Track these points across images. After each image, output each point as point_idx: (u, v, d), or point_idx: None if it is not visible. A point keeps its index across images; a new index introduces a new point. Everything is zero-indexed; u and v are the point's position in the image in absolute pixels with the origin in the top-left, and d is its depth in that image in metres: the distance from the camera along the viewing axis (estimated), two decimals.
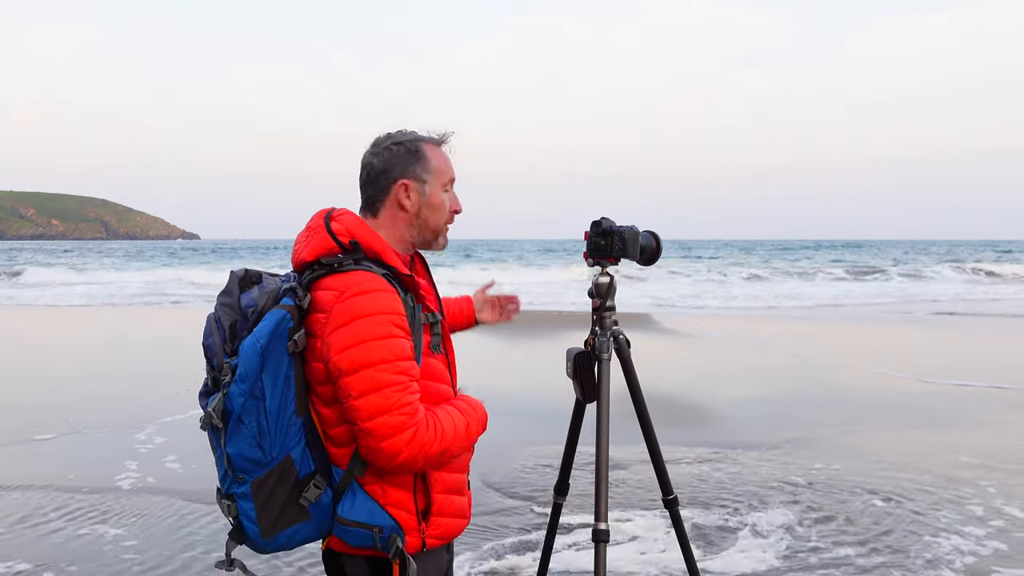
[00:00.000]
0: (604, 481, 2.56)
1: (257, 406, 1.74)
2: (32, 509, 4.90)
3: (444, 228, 2.02)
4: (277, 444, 1.77)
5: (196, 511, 4.86)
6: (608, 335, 2.61)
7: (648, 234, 2.67)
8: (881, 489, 5.30)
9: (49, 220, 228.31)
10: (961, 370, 9.81)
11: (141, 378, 9.30)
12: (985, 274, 34.16)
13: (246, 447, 1.75)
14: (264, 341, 1.73)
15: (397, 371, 1.77)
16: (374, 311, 1.78)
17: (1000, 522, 4.71)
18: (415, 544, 1.88)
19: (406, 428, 1.76)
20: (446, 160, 2.01)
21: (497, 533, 4.56)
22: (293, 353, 1.77)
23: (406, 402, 1.77)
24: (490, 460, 5.88)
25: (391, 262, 1.87)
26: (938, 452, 6.19)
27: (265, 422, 1.75)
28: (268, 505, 1.79)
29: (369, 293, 1.79)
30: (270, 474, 1.78)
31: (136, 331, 15.01)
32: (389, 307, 1.80)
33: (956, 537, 4.47)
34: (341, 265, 1.84)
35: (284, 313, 1.77)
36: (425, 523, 1.89)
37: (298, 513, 1.81)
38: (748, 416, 7.41)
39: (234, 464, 1.77)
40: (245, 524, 1.81)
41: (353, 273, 1.82)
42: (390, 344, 1.78)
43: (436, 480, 1.91)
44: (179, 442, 6.38)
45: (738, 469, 5.76)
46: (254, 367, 1.73)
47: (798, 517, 4.80)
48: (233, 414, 1.74)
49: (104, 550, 4.30)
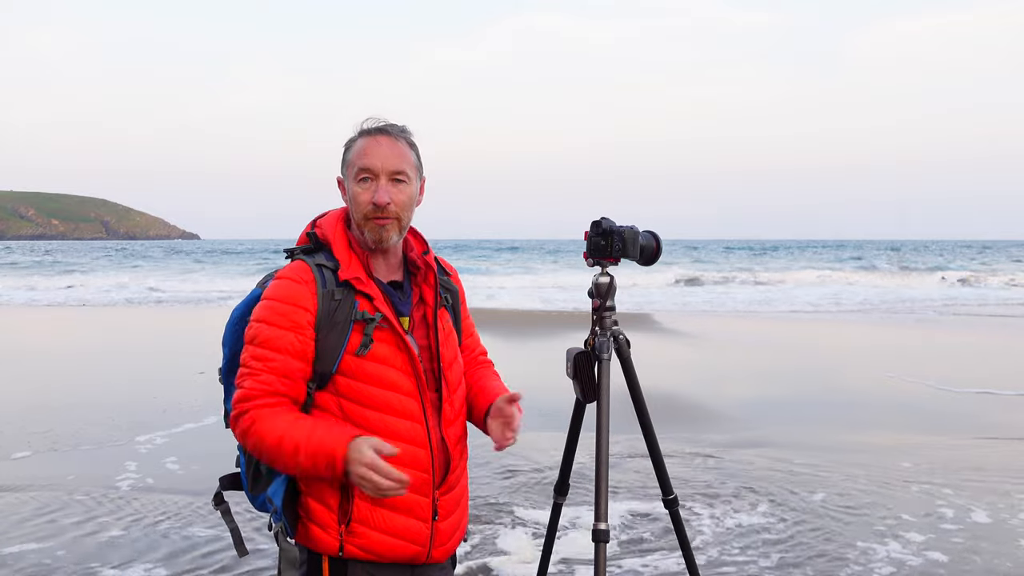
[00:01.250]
0: (604, 481, 2.56)
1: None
2: (33, 510, 4.90)
3: (365, 222, 1.90)
4: None
5: (197, 512, 4.86)
6: (608, 335, 2.60)
7: (648, 234, 2.67)
8: (848, 490, 5.30)
9: (49, 220, 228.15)
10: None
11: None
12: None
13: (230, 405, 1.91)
14: (236, 314, 1.95)
15: (253, 355, 1.84)
16: (271, 296, 1.87)
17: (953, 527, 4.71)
18: (331, 545, 1.85)
19: (234, 408, 1.85)
20: (361, 151, 1.92)
21: (496, 533, 4.56)
22: None
23: (245, 385, 1.83)
24: (490, 459, 5.88)
25: (337, 254, 1.92)
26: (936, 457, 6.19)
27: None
28: (250, 463, 1.93)
29: (278, 280, 1.89)
30: None
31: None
32: (285, 296, 1.85)
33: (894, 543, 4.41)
34: (292, 254, 1.96)
35: (259, 291, 1.93)
36: (344, 527, 1.84)
37: (265, 481, 1.92)
38: (748, 416, 7.42)
39: (226, 420, 1.94)
40: (242, 473, 1.98)
41: (292, 262, 1.94)
42: (263, 329, 1.84)
43: (312, 488, 1.88)
44: (179, 443, 6.38)
45: (722, 466, 5.77)
46: (228, 337, 1.94)
47: (764, 517, 4.81)
48: (223, 374, 1.96)
49: (105, 550, 4.30)
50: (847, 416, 7.45)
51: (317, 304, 1.83)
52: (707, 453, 6.18)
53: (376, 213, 1.89)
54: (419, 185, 2.01)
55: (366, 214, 1.90)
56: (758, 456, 6.08)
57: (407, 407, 1.89)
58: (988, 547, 4.37)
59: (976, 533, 4.57)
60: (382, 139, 1.93)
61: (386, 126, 1.96)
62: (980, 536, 4.52)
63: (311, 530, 1.87)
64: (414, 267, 2.00)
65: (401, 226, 1.94)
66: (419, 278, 2.00)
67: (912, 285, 28.36)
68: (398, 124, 1.97)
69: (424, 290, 1.99)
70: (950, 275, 32.30)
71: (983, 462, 5.93)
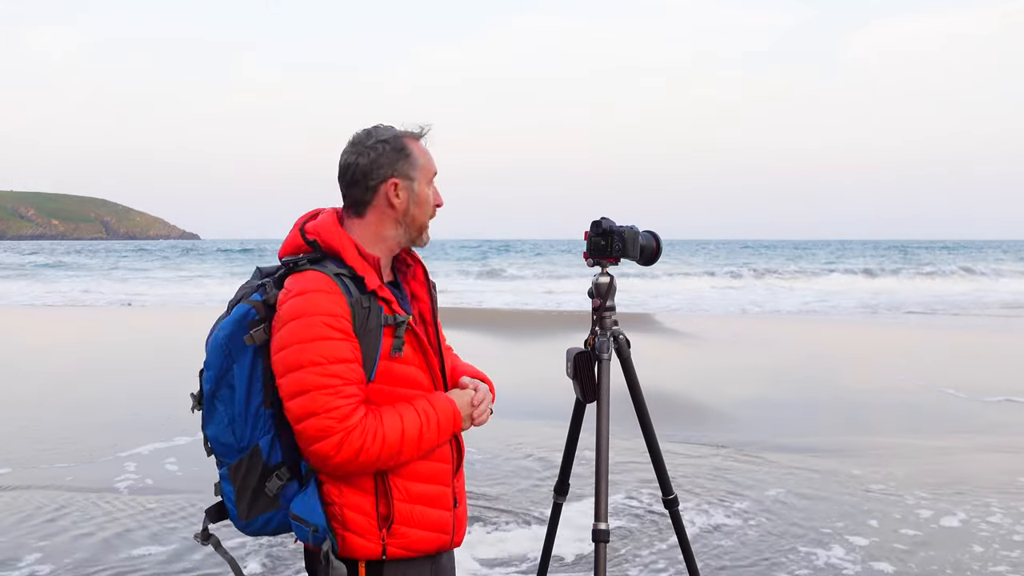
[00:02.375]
0: (604, 481, 2.56)
1: (231, 395, 1.83)
2: (34, 508, 4.90)
3: (426, 225, 1.98)
4: (247, 432, 1.84)
5: (197, 512, 4.86)
6: (608, 335, 2.60)
7: (648, 234, 2.67)
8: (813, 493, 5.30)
9: (49, 220, 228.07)
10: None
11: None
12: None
13: (221, 431, 1.85)
14: (226, 331, 1.83)
15: (327, 374, 1.75)
16: (308, 312, 1.77)
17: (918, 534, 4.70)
18: (373, 551, 1.84)
19: (334, 432, 1.74)
20: (428, 155, 1.98)
21: (496, 533, 4.56)
22: (256, 346, 1.81)
23: (335, 406, 1.74)
24: (490, 460, 5.89)
25: (350, 262, 1.85)
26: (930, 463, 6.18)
27: (234, 410, 1.83)
28: (243, 490, 1.85)
29: (306, 294, 1.79)
30: (242, 461, 1.85)
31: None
32: (325, 309, 1.77)
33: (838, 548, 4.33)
34: (298, 264, 1.87)
35: (248, 308, 1.83)
36: (386, 531, 1.84)
37: (268, 502, 1.85)
38: (748, 416, 7.42)
39: (212, 447, 1.88)
40: (227, 505, 1.89)
41: (304, 273, 1.84)
42: (321, 346, 1.75)
43: (399, 488, 1.85)
44: (180, 445, 6.38)
45: (711, 464, 5.77)
46: (216, 356, 1.83)
47: (742, 518, 4.81)
48: (204, 398, 1.86)
49: (106, 549, 4.30)
50: (849, 418, 7.44)
51: (351, 313, 1.80)
52: (702, 454, 6.17)
53: (434, 215, 2.00)
54: None
55: (429, 216, 1.99)
56: (747, 455, 6.08)
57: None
58: (935, 554, 4.26)
59: (930, 540, 4.47)
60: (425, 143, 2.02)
61: (427, 130, 2.03)
62: (931, 543, 4.42)
63: (348, 539, 1.83)
64: (404, 265, 2.03)
65: None
66: (408, 275, 2.03)
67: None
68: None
69: (414, 287, 2.02)
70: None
71: (971, 470, 5.89)
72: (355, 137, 1.95)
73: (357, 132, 1.97)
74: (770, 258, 50.19)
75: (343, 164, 1.94)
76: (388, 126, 1.96)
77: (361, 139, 1.94)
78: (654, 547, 4.37)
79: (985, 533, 4.56)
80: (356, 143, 1.94)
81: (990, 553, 4.28)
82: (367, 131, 1.96)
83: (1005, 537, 4.50)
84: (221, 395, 1.84)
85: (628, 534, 4.57)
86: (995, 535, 4.53)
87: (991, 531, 4.59)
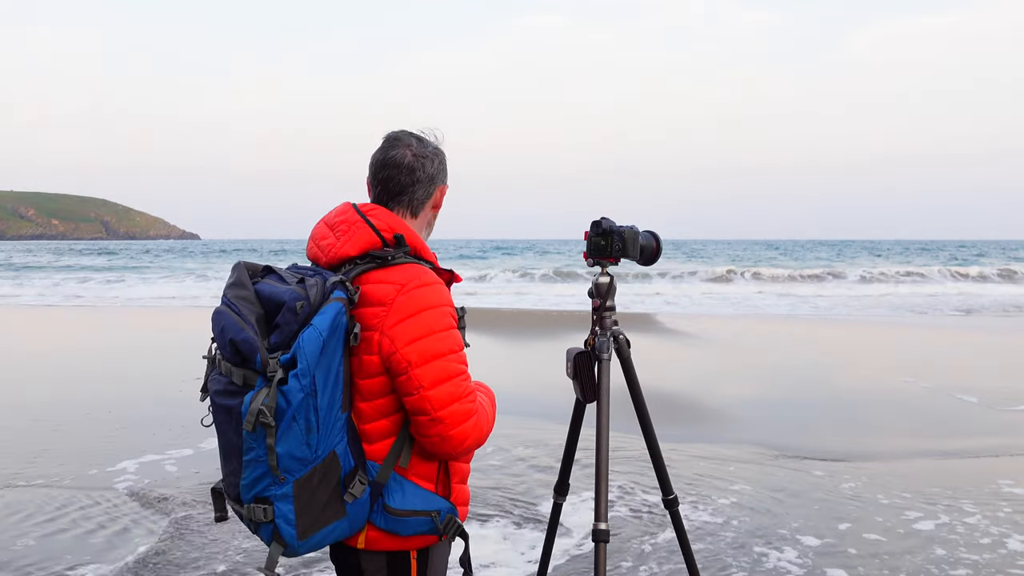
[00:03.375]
0: (604, 481, 2.56)
1: (309, 402, 1.70)
2: (36, 507, 4.90)
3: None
4: (324, 441, 1.73)
5: (199, 511, 4.86)
6: (608, 335, 2.61)
7: (648, 234, 2.67)
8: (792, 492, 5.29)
9: (49, 220, 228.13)
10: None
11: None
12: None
13: (296, 445, 1.70)
14: (325, 334, 1.70)
15: (461, 360, 1.85)
16: (438, 303, 1.84)
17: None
18: (466, 495, 2.02)
19: (472, 415, 1.84)
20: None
21: (496, 533, 4.56)
22: (345, 348, 1.77)
23: (471, 390, 1.86)
24: (490, 460, 5.89)
25: (429, 257, 1.94)
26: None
27: (315, 418, 1.71)
28: (309, 504, 1.74)
29: (431, 285, 1.85)
30: (314, 472, 1.73)
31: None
32: (448, 299, 1.88)
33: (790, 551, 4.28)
34: (393, 259, 1.86)
35: (340, 306, 1.73)
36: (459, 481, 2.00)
37: (337, 511, 1.79)
38: (748, 416, 7.42)
39: (281, 463, 1.70)
40: (281, 527, 1.74)
41: (408, 266, 1.86)
42: (454, 335, 1.85)
43: (456, 470, 1.97)
44: (181, 443, 6.38)
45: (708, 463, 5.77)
46: (313, 363, 1.68)
47: (725, 517, 4.81)
48: (288, 410, 1.68)
49: (107, 548, 4.30)
50: (847, 420, 7.45)
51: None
52: (696, 453, 6.18)
53: None
54: None
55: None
56: (737, 454, 6.09)
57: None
58: (889, 559, 4.19)
59: (894, 543, 4.40)
60: None
61: None
62: (894, 546, 4.35)
63: (455, 490, 1.96)
64: None
65: None
66: None
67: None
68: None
69: None
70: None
71: (962, 472, 5.88)
72: (412, 139, 1.99)
73: (400, 134, 2.00)
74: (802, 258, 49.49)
75: (407, 164, 1.96)
76: (432, 135, 2.04)
77: (425, 144, 2.00)
78: (654, 547, 4.37)
79: (954, 536, 4.50)
80: (420, 146, 1.99)
81: (953, 557, 4.21)
82: (415, 136, 2.01)
83: (972, 541, 4.43)
84: (304, 403, 1.71)
85: (628, 534, 4.56)
86: (964, 538, 4.47)
87: (962, 534, 4.53)
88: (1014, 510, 4.92)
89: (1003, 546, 4.37)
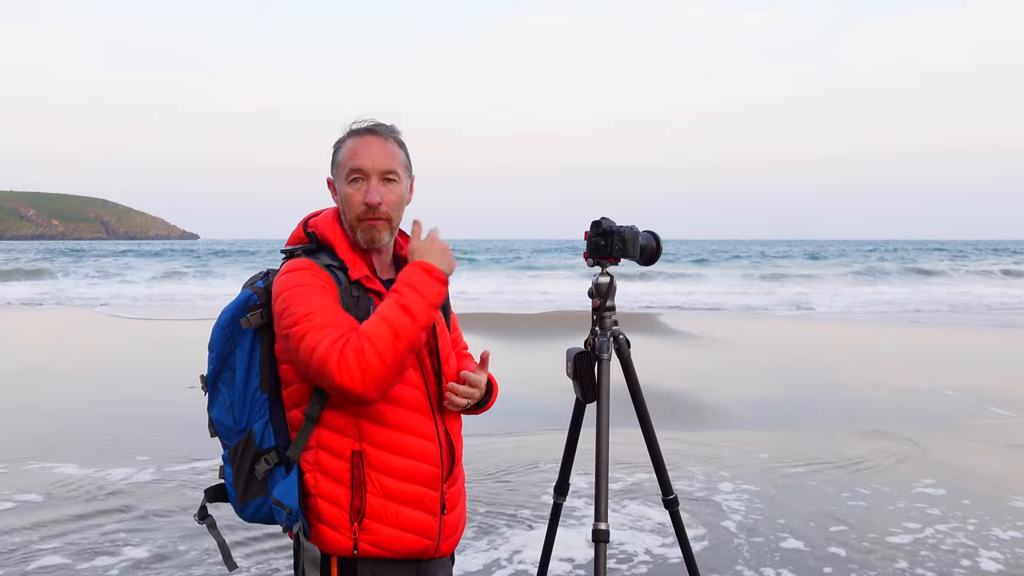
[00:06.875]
0: (604, 481, 2.56)
1: (232, 378, 1.90)
2: (36, 506, 4.90)
3: (358, 223, 1.92)
4: (244, 415, 1.90)
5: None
6: (608, 335, 2.60)
7: (648, 234, 2.67)
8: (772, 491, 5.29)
9: (49, 220, 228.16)
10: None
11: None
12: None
13: (222, 414, 1.92)
14: (228, 314, 1.90)
15: (308, 312, 1.78)
16: (295, 283, 1.84)
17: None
18: (344, 544, 1.83)
19: (332, 354, 1.72)
20: (351, 151, 1.93)
21: (496, 533, 4.56)
22: (253, 329, 1.87)
23: (325, 335, 1.75)
24: (490, 460, 5.89)
25: (341, 254, 1.92)
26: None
27: (234, 393, 1.90)
28: (239, 473, 1.91)
29: (294, 271, 1.87)
30: (239, 444, 1.90)
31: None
32: (312, 281, 1.84)
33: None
34: (293, 254, 1.94)
35: (249, 293, 1.91)
36: (358, 525, 1.82)
37: (259, 486, 1.90)
38: (749, 416, 7.42)
39: (216, 428, 1.95)
40: (228, 487, 1.94)
41: (298, 259, 1.91)
42: (305, 289, 1.82)
43: (374, 482, 1.83)
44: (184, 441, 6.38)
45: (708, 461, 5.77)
46: (218, 338, 1.90)
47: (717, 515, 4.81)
48: (209, 380, 1.93)
49: (108, 549, 4.30)
50: (844, 420, 7.45)
51: (339, 297, 1.85)
52: (696, 453, 6.18)
53: (368, 214, 1.91)
54: (409, 184, 2.02)
55: (358, 215, 1.91)
56: (733, 450, 6.09)
57: (418, 402, 1.90)
58: (890, 560, 4.16)
59: (892, 547, 4.36)
60: (372, 139, 1.94)
61: (375, 126, 1.97)
62: (889, 552, 4.29)
63: (321, 531, 1.84)
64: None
65: (392, 226, 1.96)
66: None
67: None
68: (387, 123, 1.99)
69: None
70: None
71: (955, 472, 5.88)
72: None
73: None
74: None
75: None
76: (350, 126, 2.00)
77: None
78: (654, 547, 4.37)
79: (956, 536, 4.48)
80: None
81: (954, 557, 4.20)
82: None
83: (981, 542, 4.41)
84: (224, 377, 1.91)
85: (628, 534, 4.56)
86: (971, 537, 4.49)
87: (970, 532, 4.55)
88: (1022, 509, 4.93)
89: (1021, 544, 4.36)
